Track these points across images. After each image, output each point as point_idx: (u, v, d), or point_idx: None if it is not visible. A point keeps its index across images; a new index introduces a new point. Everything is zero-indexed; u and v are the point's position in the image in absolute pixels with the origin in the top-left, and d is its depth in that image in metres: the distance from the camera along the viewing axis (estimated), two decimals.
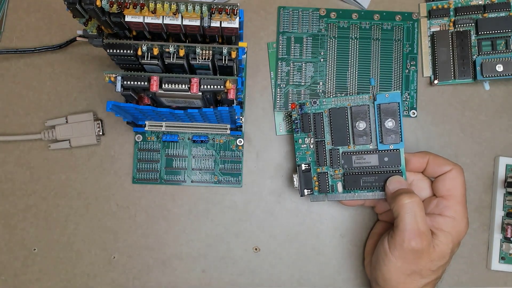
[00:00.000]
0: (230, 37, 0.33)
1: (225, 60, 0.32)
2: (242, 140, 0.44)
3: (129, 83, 0.32)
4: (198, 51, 0.32)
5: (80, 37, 0.34)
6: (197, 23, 0.30)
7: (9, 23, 0.45)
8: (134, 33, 0.33)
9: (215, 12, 0.30)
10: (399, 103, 0.37)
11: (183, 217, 0.44)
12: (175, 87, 0.32)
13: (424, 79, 0.45)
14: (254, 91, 0.45)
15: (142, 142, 0.44)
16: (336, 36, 0.45)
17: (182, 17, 0.30)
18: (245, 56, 0.39)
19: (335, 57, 0.45)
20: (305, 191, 0.40)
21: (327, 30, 0.45)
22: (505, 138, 0.45)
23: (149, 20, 0.30)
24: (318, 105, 0.40)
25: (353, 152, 0.39)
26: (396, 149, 0.38)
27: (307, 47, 0.45)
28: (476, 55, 0.44)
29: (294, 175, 0.41)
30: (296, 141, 0.41)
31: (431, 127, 0.45)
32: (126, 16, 0.30)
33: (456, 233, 0.36)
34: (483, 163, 0.44)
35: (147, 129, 0.43)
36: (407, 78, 0.45)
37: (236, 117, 0.39)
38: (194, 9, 0.30)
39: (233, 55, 0.32)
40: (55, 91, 0.45)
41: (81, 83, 0.45)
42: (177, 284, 0.44)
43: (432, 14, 0.44)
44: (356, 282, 0.44)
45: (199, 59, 0.32)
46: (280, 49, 0.45)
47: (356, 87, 0.44)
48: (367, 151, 0.39)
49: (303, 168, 0.40)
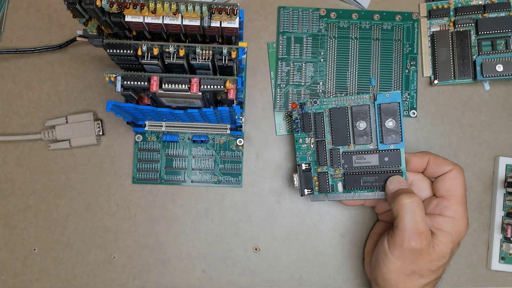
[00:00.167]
0: (230, 37, 0.33)
1: (225, 60, 0.32)
2: (242, 140, 0.44)
3: (129, 83, 0.32)
4: (198, 51, 0.32)
5: (80, 37, 0.34)
6: (197, 23, 0.30)
7: (9, 23, 0.45)
8: (134, 33, 0.33)
9: (215, 12, 0.30)
10: (399, 103, 0.37)
11: (183, 217, 0.44)
12: (175, 87, 0.32)
13: (424, 79, 0.45)
14: (254, 91, 0.45)
15: (142, 142, 0.44)
16: (336, 36, 0.45)
17: (182, 17, 0.30)
18: (245, 56, 0.39)
19: (335, 57, 0.45)
20: (305, 190, 0.40)
21: (327, 30, 0.45)
22: (505, 138, 0.45)
23: (149, 20, 0.30)
24: (318, 105, 0.40)
25: (354, 152, 0.39)
26: (396, 149, 0.38)
27: (307, 47, 0.45)
28: (476, 55, 0.44)
29: (294, 175, 0.40)
30: (296, 141, 0.41)
31: (431, 127, 0.45)
32: (126, 16, 0.30)
33: (456, 233, 0.36)
34: (483, 163, 0.44)
35: (147, 129, 0.43)
36: (407, 78, 0.45)
37: (236, 117, 0.39)
38: (194, 9, 0.30)
39: (233, 55, 0.32)
40: (55, 91, 0.45)
41: (81, 83, 0.45)
42: (177, 284, 0.44)
43: (432, 14, 0.44)
44: (356, 282, 0.44)
45: (199, 59, 0.32)
46: (280, 49, 0.45)
47: (356, 87, 0.44)
48: (368, 151, 0.39)
49: (304, 167, 0.40)
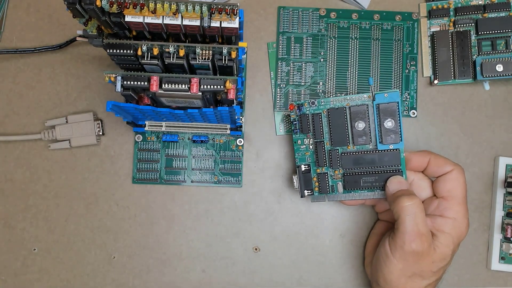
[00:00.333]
0: (230, 37, 0.33)
1: (225, 60, 0.32)
2: (242, 140, 0.44)
3: (129, 83, 0.32)
4: (198, 51, 0.32)
5: (80, 37, 0.34)
6: (197, 23, 0.30)
7: (9, 23, 0.45)
8: (134, 33, 0.33)
9: (215, 12, 0.30)
10: (398, 102, 0.37)
11: (183, 217, 0.44)
12: (175, 87, 0.32)
13: (424, 79, 0.45)
14: (254, 91, 0.45)
15: (142, 142, 0.44)
16: (336, 36, 0.45)
17: (182, 17, 0.30)
18: (245, 56, 0.39)
19: (335, 57, 0.45)
20: (305, 192, 0.40)
21: (327, 30, 0.45)
22: (505, 138, 0.44)
23: (149, 20, 0.30)
24: (316, 105, 0.39)
25: (353, 152, 0.39)
26: (396, 149, 0.38)
27: (307, 47, 0.45)
28: (476, 55, 0.44)
29: (294, 176, 0.40)
30: (295, 142, 0.41)
31: (431, 127, 0.45)
32: (126, 16, 0.30)
33: (456, 234, 0.36)
34: (483, 163, 0.44)
35: (147, 129, 0.43)
36: (407, 78, 0.45)
37: (236, 117, 0.39)
38: (194, 9, 0.30)
39: (233, 55, 0.32)
40: (55, 91, 0.45)
41: (81, 83, 0.45)
42: (177, 284, 0.44)
43: (432, 14, 0.44)
44: (356, 282, 0.44)
45: (199, 59, 0.32)
46: (280, 49, 0.45)
47: (356, 87, 0.44)
48: (367, 151, 0.39)
49: (303, 169, 0.40)
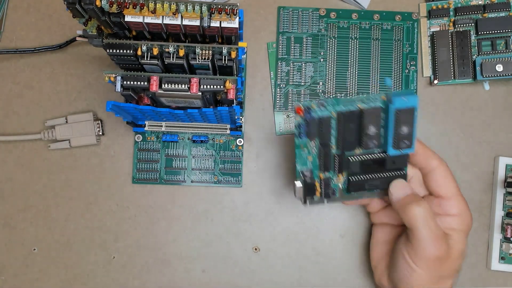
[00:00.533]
0: (230, 37, 0.33)
1: (225, 60, 0.32)
2: (242, 140, 0.44)
3: (129, 83, 0.32)
4: (198, 51, 0.32)
5: (80, 37, 0.34)
6: (197, 23, 0.30)
7: (9, 23, 0.45)
8: (134, 33, 0.33)
9: (215, 12, 0.30)
10: (415, 107, 0.34)
11: (183, 217, 0.44)
12: (175, 87, 0.32)
13: (424, 79, 0.45)
14: (254, 91, 0.45)
15: (142, 142, 0.44)
16: (336, 36, 0.45)
17: (182, 17, 0.30)
18: (245, 56, 0.39)
19: (335, 57, 0.45)
20: (307, 200, 0.37)
21: (327, 30, 0.45)
22: (505, 138, 0.44)
23: (149, 20, 0.30)
24: (325, 107, 0.34)
25: (361, 156, 0.36)
26: (404, 154, 0.36)
27: (307, 47, 0.45)
28: (476, 55, 0.44)
29: (296, 184, 0.36)
30: (297, 146, 0.35)
31: (431, 127, 0.45)
32: (126, 16, 0.30)
33: (466, 228, 0.36)
34: (483, 163, 0.44)
35: (147, 129, 0.43)
36: (407, 78, 0.45)
37: (236, 117, 0.39)
38: (194, 9, 0.30)
39: (233, 55, 0.32)
40: (55, 91, 0.45)
41: (81, 83, 0.45)
42: (177, 284, 0.44)
43: (432, 14, 0.44)
44: (356, 282, 0.44)
45: (199, 59, 0.32)
46: (280, 49, 0.45)
47: (356, 87, 0.44)
48: (376, 155, 0.36)
49: (305, 178, 0.36)
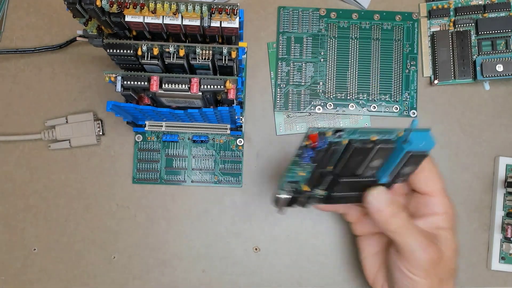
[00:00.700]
0: (230, 37, 0.33)
1: (225, 60, 0.32)
2: (242, 140, 0.44)
3: (129, 83, 0.32)
4: (198, 51, 0.32)
5: (80, 37, 0.34)
6: (197, 23, 0.30)
7: (9, 23, 0.45)
8: (134, 33, 0.33)
9: (215, 12, 0.30)
10: (429, 152, 0.32)
11: (183, 217, 0.44)
12: (175, 87, 0.32)
13: (424, 79, 0.45)
14: (254, 91, 0.45)
15: (142, 142, 0.44)
16: (336, 36, 0.45)
17: (182, 17, 0.30)
18: (245, 56, 0.39)
19: (335, 57, 0.45)
20: (283, 208, 0.35)
21: (327, 30, 0.45)
22: (505, 138, 0.44)
23: (149, 20, 0.30)
24: (342, 136, 0.30)
25: (354, 181, 0.33)
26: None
27: (307, 47, 0.45)
28: (476, 55, 0.44)
29: (279, 195, 0.34)
30: (293, 163, 0.32)
31: (431, 127, 0.44)
32: (126, 16, 0.30)
33: (453, 224, 0.36)
34: (483, 163, 0.44)
35: (147, 129, 0.43)
36: (407, 78, 0.45)
37: (236, 117, 0.39)
38: (194, 9, 0.30)
39: (233, 55, 0.32)
40: (55, 91, 0.45)
41: (81, 83, 0.45)
42: (177, 284, 0.44)
43: (432, 14, 0.44)
44: (356, 282, 0.44)
45: (199, 59, 0.32)
46: (280, 49, 0.45)
47: (356, 87, 0.44)
48: (366, 180, 0.33)
49: (290, 189, 0.34)
